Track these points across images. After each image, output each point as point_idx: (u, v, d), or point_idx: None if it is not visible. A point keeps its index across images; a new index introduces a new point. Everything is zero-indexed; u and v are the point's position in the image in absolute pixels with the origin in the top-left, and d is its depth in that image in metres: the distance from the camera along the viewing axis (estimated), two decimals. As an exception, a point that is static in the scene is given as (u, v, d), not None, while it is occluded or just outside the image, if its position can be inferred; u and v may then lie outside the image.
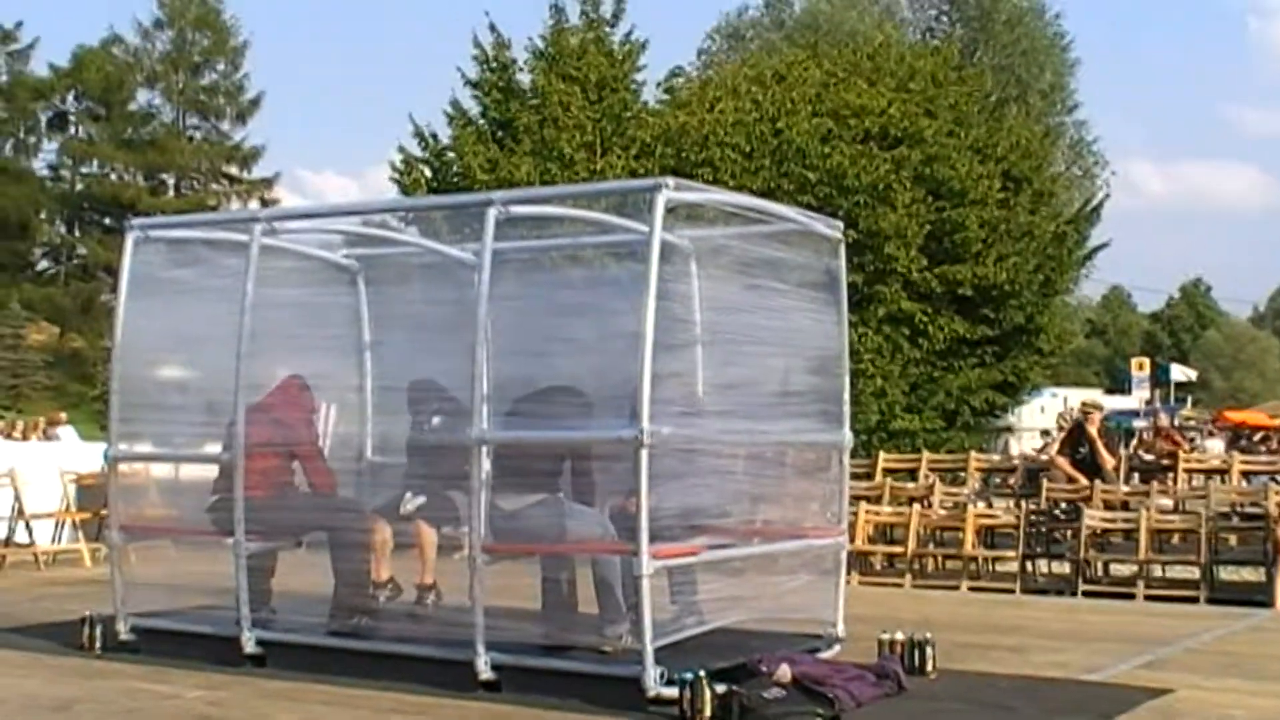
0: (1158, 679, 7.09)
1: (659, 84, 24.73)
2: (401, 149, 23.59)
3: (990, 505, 13.59)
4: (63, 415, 23.40)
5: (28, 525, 13.00)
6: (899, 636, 7.17)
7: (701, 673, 6.14)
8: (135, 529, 8.28)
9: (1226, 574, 11.85)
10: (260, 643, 7.47)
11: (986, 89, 27.99)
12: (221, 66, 58.43)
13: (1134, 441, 18.40)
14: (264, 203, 53.33)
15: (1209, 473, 14.38)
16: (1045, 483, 13.08)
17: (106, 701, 6.69)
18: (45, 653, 7.96)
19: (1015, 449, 26.90)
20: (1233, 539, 12.55)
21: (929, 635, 7.20)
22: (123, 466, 8.32)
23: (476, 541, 6.76)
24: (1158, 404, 41.21)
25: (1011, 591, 11.45)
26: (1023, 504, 12.90)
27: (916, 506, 12.79)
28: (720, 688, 6.14)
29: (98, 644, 7.90)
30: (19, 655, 7.93)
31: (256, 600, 7.58)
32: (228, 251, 8.17)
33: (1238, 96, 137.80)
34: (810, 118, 21.64)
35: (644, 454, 6.30)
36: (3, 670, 7.53)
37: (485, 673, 6.71)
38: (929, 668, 7.08)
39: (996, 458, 19.02)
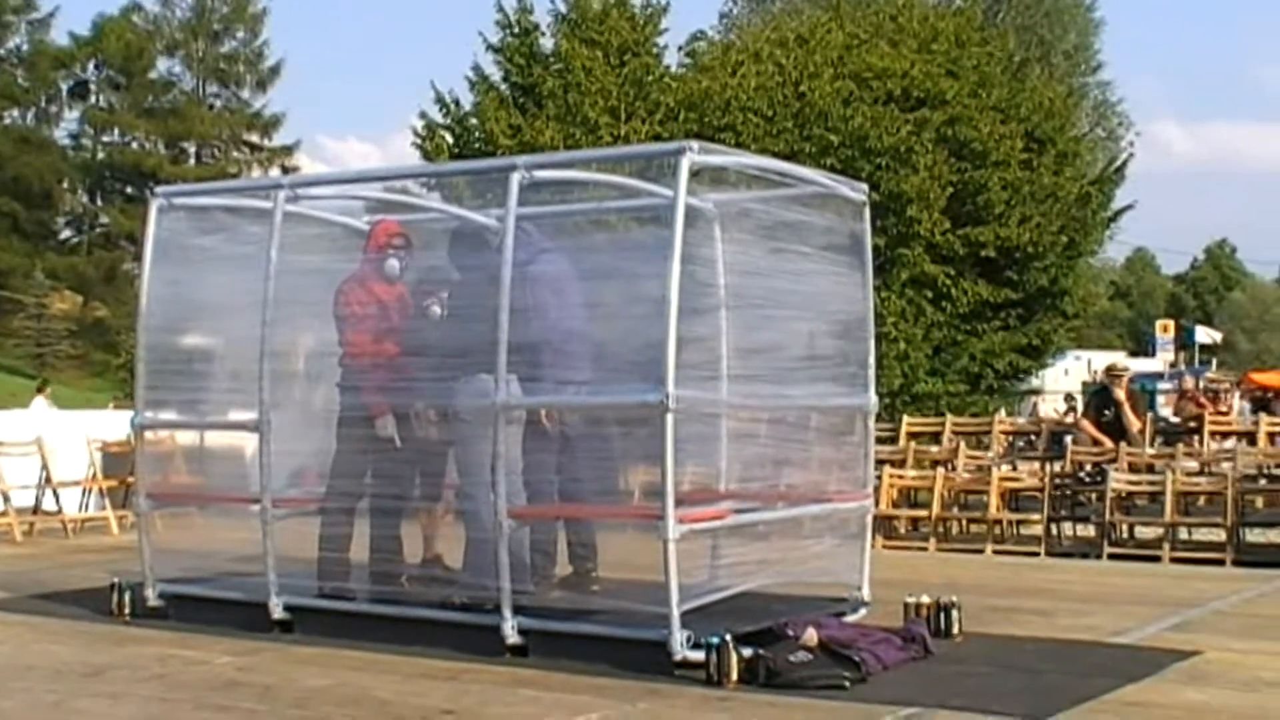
0: (1185, 641, 7.08)
1: (680, 48, 24.59)
2: (423, 114, 23.45)
3: (1015, 468, 13.55)
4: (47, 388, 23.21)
5: (55, 493, 13.10)
6: (925, 600, 7.17)
7: (728, 637, 6.15)
8: (162, 496, 8.35)
9: (1253, 536, 11.78)
10: (288, 608, 7.52)
11: (1009, 49, 27.68)
12: (241, 34, 58.46)
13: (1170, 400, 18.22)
14: (285, 170, 53.36)
15: (1236, 434, 14.28)
16: (1070, 445, 13.02)
17: (137, 667, 6.73)
18: (75, 619, 8.04)
19: (1042, 410, 26.77)
20: (1259, 501, 12.50)
21: (954, 599, 7.19)
22: (149, 434, 8.37)
23: (502, 508, 6.77)
24: (1183, 366, 40.98)
25: (1037, 555, 11.42)
26: (1047, 467, 12.85)
27: (941, 470, 12.74)
28: (747, 651, 6.16)
29: (127, 610, 7.96)
30: (50, 622, 8.01)
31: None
32: (251, 218, 8.19)
33: (1264, 56, 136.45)
34: (832, 80, 21.47)
35: (669, 419, 6.31)
36: (34, 637, 7.60)
37: (512, 637, 6.74)
38: (955, 631, 7.08)
39: (1022, 421, 18.95)
